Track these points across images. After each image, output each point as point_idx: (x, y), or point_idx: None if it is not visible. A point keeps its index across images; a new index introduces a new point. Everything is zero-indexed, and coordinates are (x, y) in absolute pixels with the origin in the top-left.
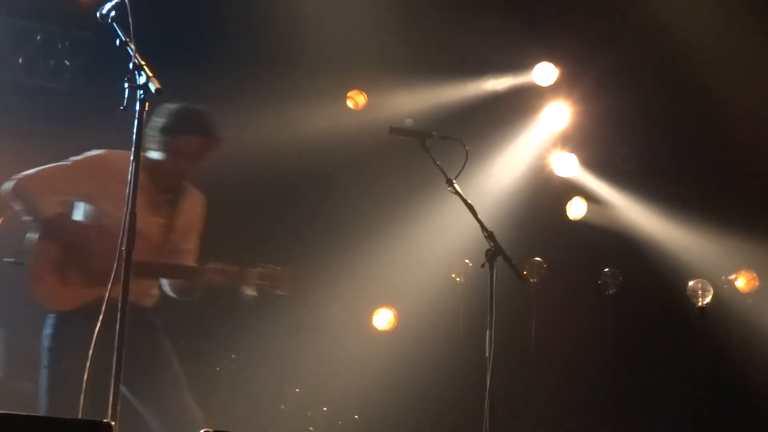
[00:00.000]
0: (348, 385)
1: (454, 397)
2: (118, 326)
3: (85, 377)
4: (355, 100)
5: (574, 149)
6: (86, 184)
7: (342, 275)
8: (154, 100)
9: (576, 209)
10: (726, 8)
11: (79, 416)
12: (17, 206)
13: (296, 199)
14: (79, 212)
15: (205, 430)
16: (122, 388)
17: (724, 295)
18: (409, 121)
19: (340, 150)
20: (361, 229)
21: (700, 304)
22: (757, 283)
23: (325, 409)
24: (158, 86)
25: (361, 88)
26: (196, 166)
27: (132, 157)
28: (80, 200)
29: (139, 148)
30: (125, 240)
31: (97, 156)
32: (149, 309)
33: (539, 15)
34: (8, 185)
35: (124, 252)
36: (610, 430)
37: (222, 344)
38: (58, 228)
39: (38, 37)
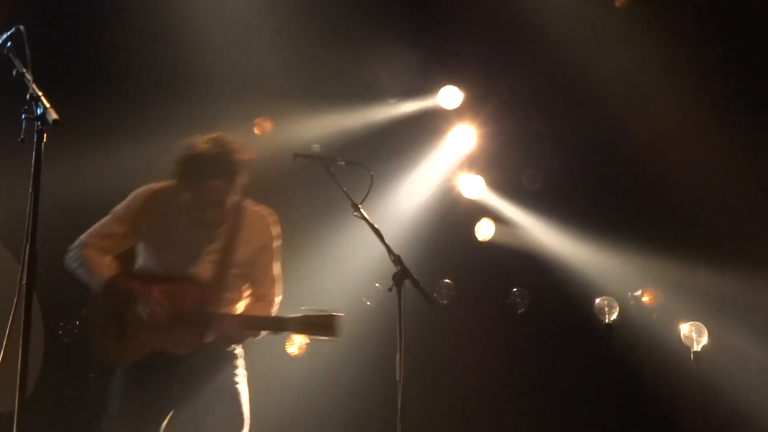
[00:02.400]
0: (260, 409)
1: (366, 421)
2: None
3: None
4: (262, 126)
5: (480, 171)
6: (133, 228)
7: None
8: (51, 130)
9: (484, 230)
10: (627, 33)
11: None
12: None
13: None
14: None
15: None
16: None
17: (631, 311)
18: (315, 147)
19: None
20: None
21: (607, 320)
22: (661, 299)
23: None
24: (55, 117)
25: (267, 114)
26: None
27: (30, 189)
28: (138, 242)
29: (38, 178)
30: (24, 275)
31: (138, 194)
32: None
33: (443, 39)
34: (65, 259)
35: (24, 287)
36: None
37: None
38: (110, 290)
39: None
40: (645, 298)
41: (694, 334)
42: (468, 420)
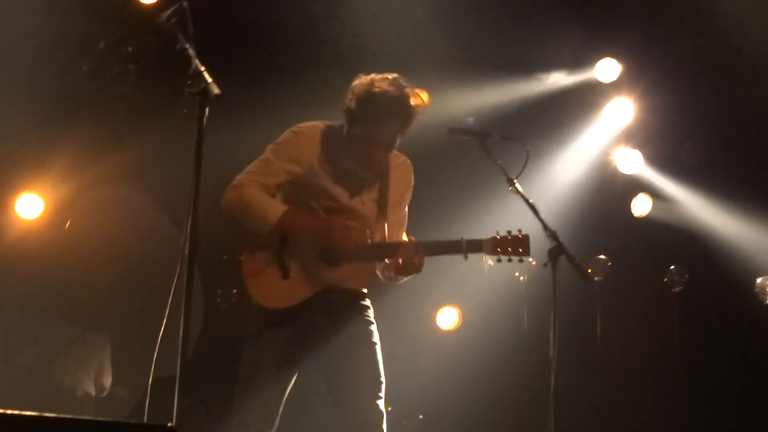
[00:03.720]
0: (412, 385)
1: (518, 397)
2: (181, 331)
3: (151, 378)
4: (420, 97)
5: (638, 145)
6: (296, 165)
7: None
8: (213, 104)
9: (641, 206)
10: None
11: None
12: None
13: None
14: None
15: None
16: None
17: None
18: (470, 121)
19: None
20: (423, 229)
21: None
22: None
23: (389, 408)
24: (217, 92)
25: (422, 87)
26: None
27: (193, 164)
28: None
29: (200, 152)
30: (187, 245)
31: (291, 132)
32: (364, 295)
33: (600, 11)
34: (224, 199)
35: (186, 257)
36: (676, 430)
37: None
38: (287, 225)
39: (102, 43)
40: None
41: None
42: (621, 399)
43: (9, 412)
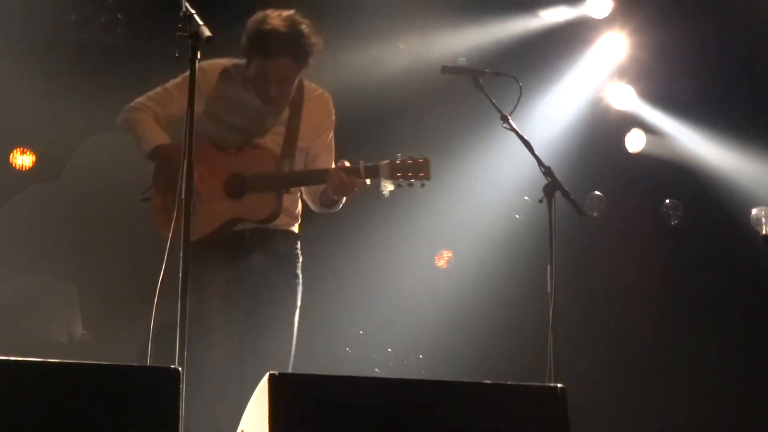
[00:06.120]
0: (411, 325)
1: (517, 333)
2: (181, 271)
3: (152, 322)
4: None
5: (631, 81)
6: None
7: (400, 216)
8: (205, 48)
9: (635, 141)
10: None
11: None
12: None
13: (349, 144)
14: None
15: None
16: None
17: None
18: (462, 60)
19: (393, 93)
20: None
21: (763, 232)
22: None
23: (389, 349)
24: (209, 34)
25: (413, 28)
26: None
27: (187, 105)
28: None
29: (193, 95)
30: (183, 189)
31: (201, 67)
32: (279, 234)
33: None
34: (119, 118)
35: (183, 201)
36: (674, 362)
37: None
38: (160, 159)
39: None
40: None
41: None
42: (619, 332)
43: (14, 358)
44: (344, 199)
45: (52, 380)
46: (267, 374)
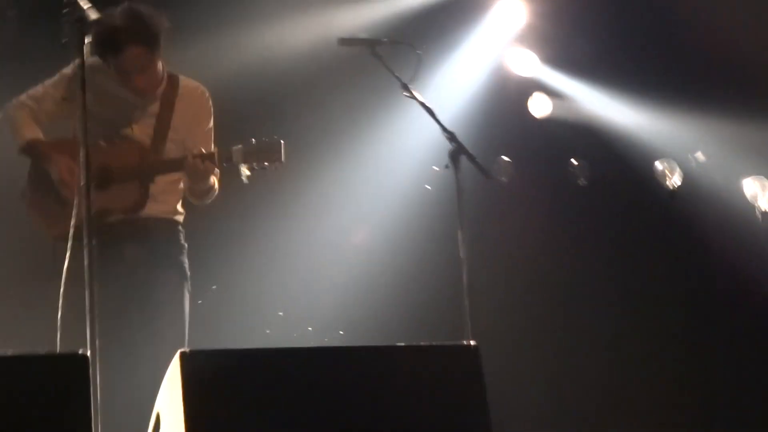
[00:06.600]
0: (330, 302)
1: (436, 301)
2: (86, 258)
3: (60, 311)
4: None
5: (531, 46)
6: (68, 93)
7: (313, 193)
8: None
9: (538, 105)
10: None
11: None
12: None
13: (253, 123)
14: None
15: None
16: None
17: (694, 175)
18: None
19: (294, 71)
20: (320, 145)
21: (669, 184)
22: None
23: (310, 329)
24: (95, 16)
25: (311, 3)
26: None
27: (80, 87)
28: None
29: (84, 79)
30: (82, 175)
31: (63, 72)
32: (152, 222)
33: None
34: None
35: (84, 188)
36: (587, 318)
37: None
38: (31, 154)
39: None
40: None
41: (758, 190)
42: (534, 293)
43: None
44: (213, 188)
45: None
46: (178, 352)
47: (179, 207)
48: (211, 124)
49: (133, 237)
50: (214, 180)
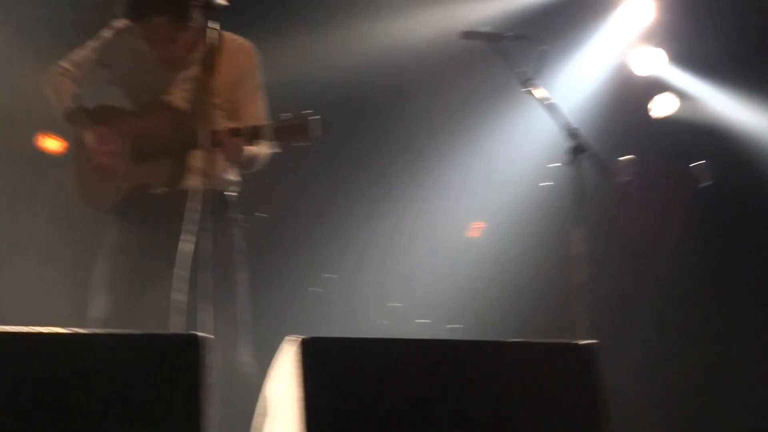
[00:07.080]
0: (450, 295)
1: (549, 299)
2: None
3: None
4: None
5: (659, 44)
6: (103, 56)
7: (431, 187)
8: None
9: (663, 105)
10: None
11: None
12: None
13: (373, 117)
14: None
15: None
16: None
17: None
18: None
19: (415, 64)
20: (437, 141)
21: None
22: None
23: (428, 321)
24: (223, 2)
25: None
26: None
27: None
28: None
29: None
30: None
31: (107, 29)
32: (193, 195)
33: None
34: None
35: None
36: (708, 322)
37: (312, 262)
38: (70, 122)
39: None
40: None
41: None
42: (652, 293)
43: (26, 329)
44: (253, 159)
45: (68, 350)
46: (298, 339)
47: (229, 176)
48: (258, 80)
49: (177, 210)
50: (255, 151)
